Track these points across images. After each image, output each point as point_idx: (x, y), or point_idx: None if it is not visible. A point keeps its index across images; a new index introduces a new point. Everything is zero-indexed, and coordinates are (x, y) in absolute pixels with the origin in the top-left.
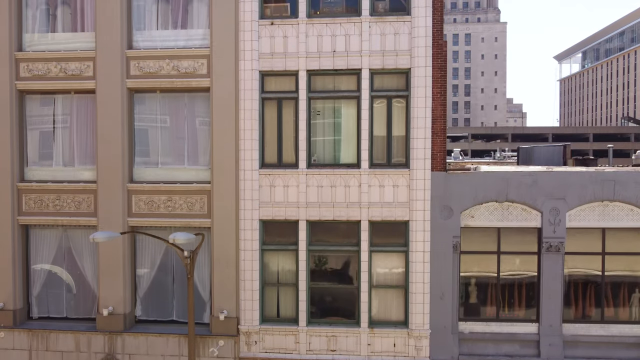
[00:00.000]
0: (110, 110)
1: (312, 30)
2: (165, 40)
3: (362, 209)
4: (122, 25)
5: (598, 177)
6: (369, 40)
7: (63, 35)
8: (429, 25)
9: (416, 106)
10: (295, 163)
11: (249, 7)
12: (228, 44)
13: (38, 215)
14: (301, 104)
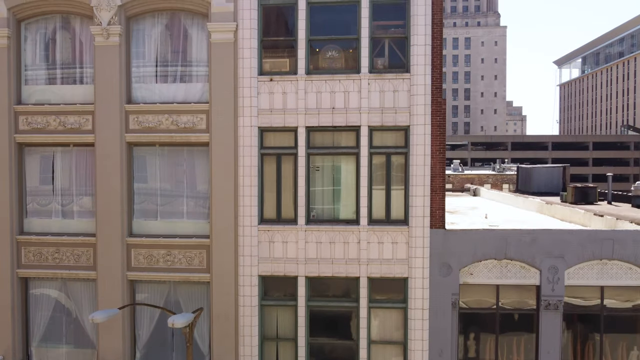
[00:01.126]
0: (109, 163)
1: (311, 87)
2: (164, 94)
3: (361, 266)
4: (121, 79)
5: (597, 236)
6: (367, 97)
7: (62, 88)
8: (427, 83)
9: (415, 164)
10: (294, 219)
11: (248, 64)
12: (227, 100)
13: (37, 268)
14: (300, 160)
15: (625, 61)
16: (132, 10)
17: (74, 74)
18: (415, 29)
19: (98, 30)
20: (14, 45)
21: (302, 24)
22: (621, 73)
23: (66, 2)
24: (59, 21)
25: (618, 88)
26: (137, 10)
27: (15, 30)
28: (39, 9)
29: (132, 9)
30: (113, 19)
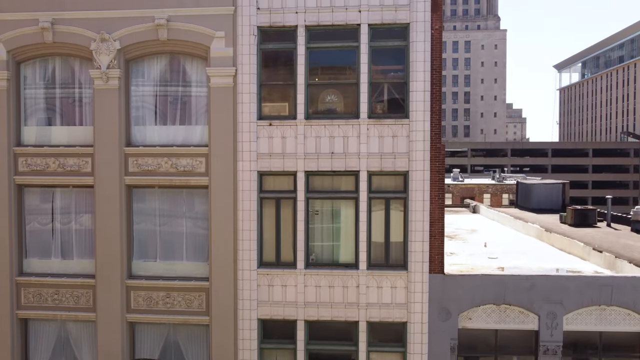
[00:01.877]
0: (108, 205)
1: (310, 132)
2: (163, 136)
3: (360, 310)
4: (120, 122)
5: (595, 282)
6: (366, 142)
7: (62, 129)
8: (427, 129)
9: (414, 209)
10: (294, 262)
11: (247, 109)
12: (226, 144)
13: (37, 309)
14: (299, 204)
15: (625, 67)
16: (131, 54)
17: (73, 115)
18: (414, 75)
19: (97, 74)
20: (13, 86)
21: (301, 69)
22: (621, 78)
23: (65, 44)
24: (59, 62)
25: (618, 93)
26: (137, 54)
27: (14, 71)
28: (38, 51)
29: (131, 52)
30: (112, 62)
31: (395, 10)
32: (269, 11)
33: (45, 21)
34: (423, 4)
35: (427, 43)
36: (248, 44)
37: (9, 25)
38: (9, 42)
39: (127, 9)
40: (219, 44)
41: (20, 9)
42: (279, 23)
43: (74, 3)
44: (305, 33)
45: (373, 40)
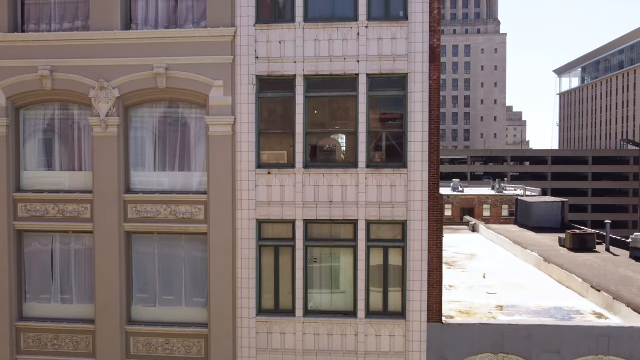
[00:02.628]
0: (107, 251)
1: (309, 180)
2: (162, 182)
3: (359, 356)
4: (119, 168)
5: (592, 332)
6: (365, 192)
7: (61, 174)
8: (425, 179)
9: (412, 258)
10: (292, 310)
11: (246, 157)
12: (225, 191)
13: (36, 354)
14: (298, 253)
15: (625, 73)
16: (130, 100)
17: (72, 160)
18: (412, 125)
19: (96, 121)
20: (12, 132)
21: (300, 118)
22: (621, 85)
23: (64, 91)
24: (58, 108)
25: (617, 99)
26: (136, 101)
27: (13, 117)
28: (37, 97)
29: (130, 99)
30: (111, 110)
31: (394, 61)
32: (268, 60)
33: (44, 69)
34: (421, 54)
35: (425, 93)
36: (247, 93)
37: (8, 71)
38: (8, 89)
39: (126, 57)
40: (218, 92)
41: (19, 56)
42: (278, 72)
43: (73, 51)
44: (303, 82)
45: (371, 90)
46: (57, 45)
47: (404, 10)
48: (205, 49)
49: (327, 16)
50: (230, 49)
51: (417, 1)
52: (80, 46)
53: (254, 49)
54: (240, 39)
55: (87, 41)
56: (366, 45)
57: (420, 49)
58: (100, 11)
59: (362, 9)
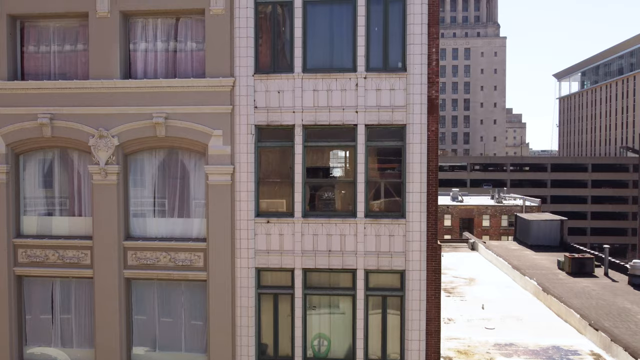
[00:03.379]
0: (107, 297)
1: (308, 229)
2: (162, 229)
3: None
4: (119, 215)
5: None
6: (363, 241)
7: (61, 220)
8: (423, 230)
9: (410, 308)
10: (292, 357)
11: (245, 207)
12: (225, 239)
13: None
14: (297, 301)
15: (624, 79)
16: (130, 148)
17: (72, 205)
18: (410, 176)
19: (96, 170)
20: (12, 178)
21: (299, 168)
22: (620, 90)
23: (64, 139)
24: (57, 154)
25: (617, 105)
26: (135, 148)
27: (14, 163)
28: (37, 144)
29: (130, 147)
30: (111, 158)
31: (392, 112)
32: (267, 110)
33: (44, 117)
34: (420, 106)
35: (423, 145)
36: (246, 143)
37: (8, 119)
38: (8, 136)
39: (126, 106)
40: (217, 142)
41: (19, 104)
42: (277, 122)
43: (73, 99)
44: (302, 132)
45: (370, 140)
46: (56, 94)
47: (402, 62)
48: (204, 99)
49: (326, 67)
50: (230, 98)
51: (415, 53)
52: (79, 94)
53: (253, 99)
54: (239, 89)
55: (86, 90)
56: (365, 96)
57: (418, 101)
58: (100, 60)
59: (361, 60)
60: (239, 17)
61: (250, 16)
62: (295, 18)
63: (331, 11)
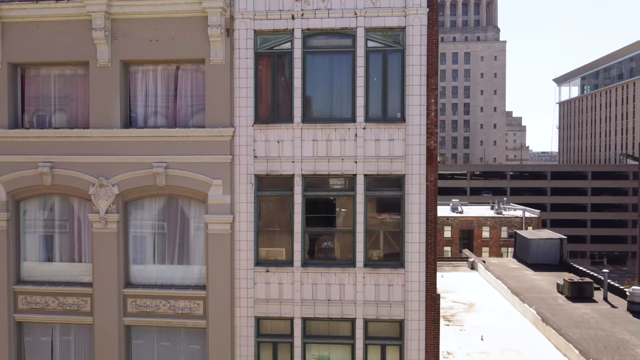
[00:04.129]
0: (107, 344)
1: (307, 278)
2: (162, 275)
3: None
4: (119, 262)
5: None
6: (362, 291)
7: (61, 265)
8: (422, 280)
9: (410, 358)
10: None
11: (245, 256)
12: (224, 288)
13: None
14: (296, 350)
15: (624, 85)
16: (130, 196)
17: (72, 251)
18: (409, 226)
19: (96, 218)
20: (13, 224)
21: (298, 217)
22: (620, 96)
23: (64, 186)
24: (58, 200)
25: (617, 111)
26: (136, 196)
27: (14, 209)
28: (37, 191)
29: (130, 195)
30: (111, 207)
31: (391, 162)
32: (266, 160)
33: (44, 166)
34: (418, 157)
35: (422, 195)
36: (246, 193)
37: (8, 167)
38: (8, 184)
39: (126, 155)
40: (217, 191)
41: (20, 152)
42: (276, 172)
43: (73, 147)
44: (302, 182)
45: (369, 190)
46: (57, 142)
47: (401, 113)
48: (204, 148)
49: (325, 117)
50: (229, 148)
51: (414, 104)
52: (80, 143)
53: (253, 149)
54: (239, 139)
55: (87, 138)
56: (364, 147)
57: (417, 152)
58: (100, 109)
59: (360, 110)
60: (239, 67)
61: (250, 67)
62: (295, 68)
63: (330, 61)
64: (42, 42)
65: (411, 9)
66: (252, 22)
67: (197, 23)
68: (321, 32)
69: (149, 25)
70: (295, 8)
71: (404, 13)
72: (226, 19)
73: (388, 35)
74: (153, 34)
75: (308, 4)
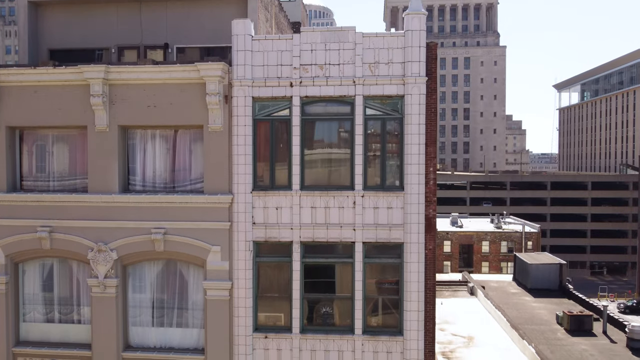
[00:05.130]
0: None
1: (306, 345)
2: (161, 338)
3: None
4: (118, 325)
5: None
6: (361, 358)
7: (61, 327)
8: (420, 348)
9: None
10: None
11: (243, 322)
12: (223, 354)
13: None
14: None
15: (624, 93)
16: (128, 260)
17: (72, 312)
18: (408, 295)
19: (95, 283)
20: (12, 287)
21: (297, 284)
22: (620, 104)
23: (63, 250)
24: (57, 262)
25: (617, 119)
26: (134, 260)
27: (13, 272)
28: (36, 254)
29: (128, 259)
30: (110, 271)
31: (390, 230)
32: (265, 227)
33: (42, 230)
34: (417, 225)
35: (420, 264)
36: (244, 259)
37: (7, 230)
38: (7, 247)
39: (124, 220)
40: (215, 257)
41: (18, 216)
42: (275, 238)
43: (71, 211)
44: (300, 248)
45: (368, 257)
46: (55, 206)
47: (400, 181)
48: (203, 215)
49: (323, 184)
50: (228, 215)
51: (413, 173)
52: (78, 207)
53: (251, 215)
54: (237, 206)
55: (85, 203)
56: (362, 215)
57: (416, 220)
58: (99, 174)
59: (359, 178)
60: (237, 134)
61: (249, 134)
62: (293, 135)
63: (329, 128)
64: (40, 107)
65: (410, 77)
66: (250, 89)
67: (195, 89)
68: (320, 100)
69: (147, 90)
70: (294, 76)
71: (402, 82)
72: (224, 85)
73: (386, 103)
74: (151, 100)
75: (306, 71)
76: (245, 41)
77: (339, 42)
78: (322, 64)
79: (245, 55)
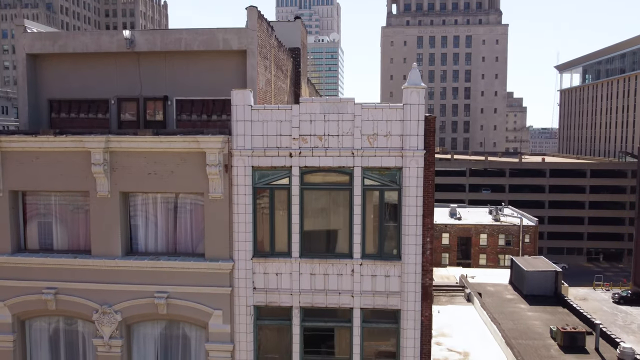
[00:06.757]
0: None
1: None
2: None
3: None
4: None
5: None
6: None
7: None
8: None
9: None
10: None
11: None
12: None
13: None
14: None
15: (626, 78)
16: (132, 320)
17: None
18: None
19: (100, 343)
20: (19, 344)
21: (297, 347)
22: (621, 89)
23: (69, 309)
24: (63, 320)
25: (618, 103)
26: (138, 320)
27: (19, 330)
28: (42, 314)
29: (132, 320)
30: (114, 332)
31: (387, 297)
32: (265, 292)
33: (47, 293)
34: (414, 294)
35: (417, 331)
36: (245, 323)
37: (13, 291)
38: (13, 307)
39: (128, 284)
40: (217, 320)
41: (24, 277)
42: (275, 303)
43: (76, 274)
44: (300, 313)
45: (365, 322)
46: (60, 268)
47: (397, 250)
48: (204, 280)
49: (322, 251)
50: (229, 280)
51: (410, 244)
52: (82, 270)
53: (252, 281)
54: (238, 272)
55: (89, 267)
56: (360, 282)
57: (413, 289)
58: (101, 238)
59: (357, 247)
60: (237, 203)
61: (249, 202)
62: (293, 204)
63: (328, 197)
64: (42, 172)
65: (408, 151)
66: (250, 159)
67: (196, 158)
68: (319, 169)
69: (148, 158)
70: (293, 146)
71: (400, 154)
72: (224, 155)
73: (385, 174)
74: (152, 168)
75: (306, 142)
76: (245, 111)
77: (338, 114)
78: (321, 134)
79: (244, 126)
